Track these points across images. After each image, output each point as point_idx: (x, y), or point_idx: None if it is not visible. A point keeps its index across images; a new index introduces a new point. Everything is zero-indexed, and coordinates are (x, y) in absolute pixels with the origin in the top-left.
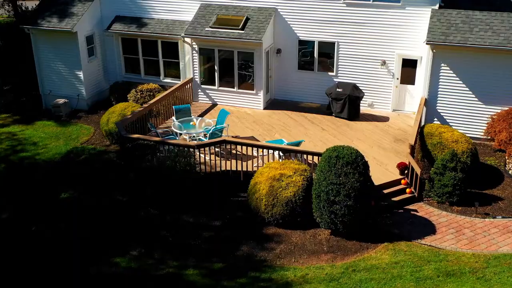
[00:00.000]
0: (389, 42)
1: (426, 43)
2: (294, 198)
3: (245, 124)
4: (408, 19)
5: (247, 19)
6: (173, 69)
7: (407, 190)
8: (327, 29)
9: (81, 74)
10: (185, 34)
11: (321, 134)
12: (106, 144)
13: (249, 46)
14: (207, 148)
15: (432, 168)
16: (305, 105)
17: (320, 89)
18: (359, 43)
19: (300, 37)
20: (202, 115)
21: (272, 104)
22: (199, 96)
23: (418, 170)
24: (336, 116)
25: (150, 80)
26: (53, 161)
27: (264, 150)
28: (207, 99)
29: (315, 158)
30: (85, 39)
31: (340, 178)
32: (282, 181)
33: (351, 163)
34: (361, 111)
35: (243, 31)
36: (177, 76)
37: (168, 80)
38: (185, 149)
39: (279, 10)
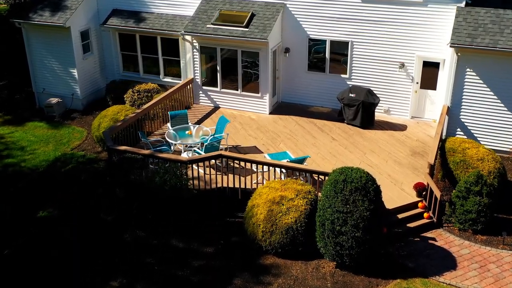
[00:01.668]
0: (409, 43)
1: (450, 46)
2: (295, 225)
3: (248, 131)
4: (431, 18)
5: (253, 15)
6: (174, 68)
7: (425, 214)
8: (340, 27)
9: (75, 72)
10: (184, 31)
11: (330, 144)
12: (97, 151)
13: (254, 46)
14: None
15: (454, 191)
16: (315, 110)
17: (332, 92)
18: (376, 43)
19: (310, 35)
20: (202, 119)
21: (279, 108)
22: (200, 98)
23: (437, 193)
24: (348, 124)
25: (149, 79)
26: (38, 170)
27: (265, 166)
28: (209, 101)
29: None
30: (80, 34)
31: (348, 206)
32: (283, 204)
33: (361, 189)
34: (376, 118)
35: (247, 29)
36: (178, 75)
37: (168, 79)
38: (177, 164)
39: (287, 5)
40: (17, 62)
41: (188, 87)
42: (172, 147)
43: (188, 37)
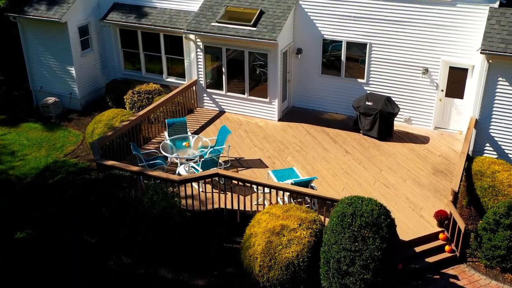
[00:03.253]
0: (434, 46)
1: (481, 52)
2: (296, 260)
3: (253, 141)
4: (459, 19)
5: (262, 12)
6: (178, 67)
7: (446, 247)
8: (358, 27)
9: (72, 70)
10: (187, 30)
11: (343, 159)
12: (90, 159)
13: (262, 47)
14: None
15: (480, 221)
16: (329, 117)
17: (347, 98)
18: (397, 45)
19: (325, 36)
20: (205, 126)
21: (289, 114)
22: (205, 101)
23: (462, 225)
24: (364, 134)
25: (151, 78)
26: (25, 180)
27: (265, 188)
28: (214, 105)
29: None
30: (78, 30)
31: (356, 244)
32: (283, 236)
33: (372, 224)
34: (395, 128)
35: (255, 28)
36: (182, 75)
37: (171, 79)
38: (167, 184)
39: (300, 2)
40: (17, 58)
41: (192, 90)
42: (169, 159)
43: (191, 36)
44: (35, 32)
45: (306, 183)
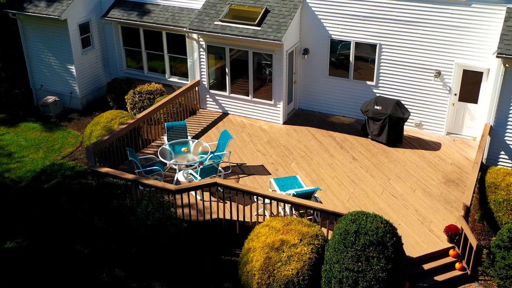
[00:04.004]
0: (447, 48)
1: (497, 56)
2: (296, 279)
3: (256, 146)
4: (474, 20)
5: (267, 11)
6: (181, 67)
7: (457, 265)
8: (367, 27)
9: (73, 69)
10: (189, 29)
11: (350, 166)
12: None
13: (267, 47)
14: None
15: (493, 238)
16: (336, 120)
17: (356, 101)
18: (408, 47)
19: (332, 36)
20: (207, 128)
21: (295, 117)
22: (207, 102)
23: (474, 242)
24: (372, 139)
25: (153, 78)
26: (20, 185)
27: (265, 198)
28: (217, 106)
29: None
30: (78, 27)
31: (359, 264)
32: (283, 251)
33: (376, 243)
34: (406, 132)
35: (259, 28)
36: (185, 75)
37: (174, 79)
38: (162, 194)
39: (307, 0)
40: (18, 55)
41: (194, 90)
42: (168, 165)
43: (194, 35)
44: (35, 29)
45: (309, 194)
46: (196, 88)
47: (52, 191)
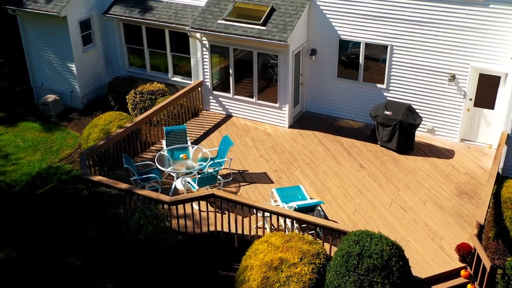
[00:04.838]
0: (462, 51)
1: None
2: None
3: (260, 151)
4: (492, 21)
5: (272, 10)
6: (184, 66)
7: (469, 286)
8: (378, 27)
9: (73, 67)
10: (192, 27)
11: (357, 174)
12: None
13: (272, 47)
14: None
15: (509, 259)
16: (344, 124)
17: (365, 104)
18: (421, 48)
19: (341, 36)
20: (209, 131)
21: (301, 120)
22: (211, 104)
23: (487, 263)
24: (382, 146)
25: (156, 77)
26: (14, 189)
27: (265, 211)
28: (220, 108)
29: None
30: (79, 24)
31: None
32: (282, 271)
33: (381, 268)
34: (417, 139)
35: (264, 28)
36: (189, 75)
37: (177, 78)
38: (156, 205)
39: None
40: (19, 52)
41: (197, 91)
42: (164, 172)
43: (197, 34)
44: (35, 25)
45: (312, 207)
46: (199, 89)
47: (46, 197)
